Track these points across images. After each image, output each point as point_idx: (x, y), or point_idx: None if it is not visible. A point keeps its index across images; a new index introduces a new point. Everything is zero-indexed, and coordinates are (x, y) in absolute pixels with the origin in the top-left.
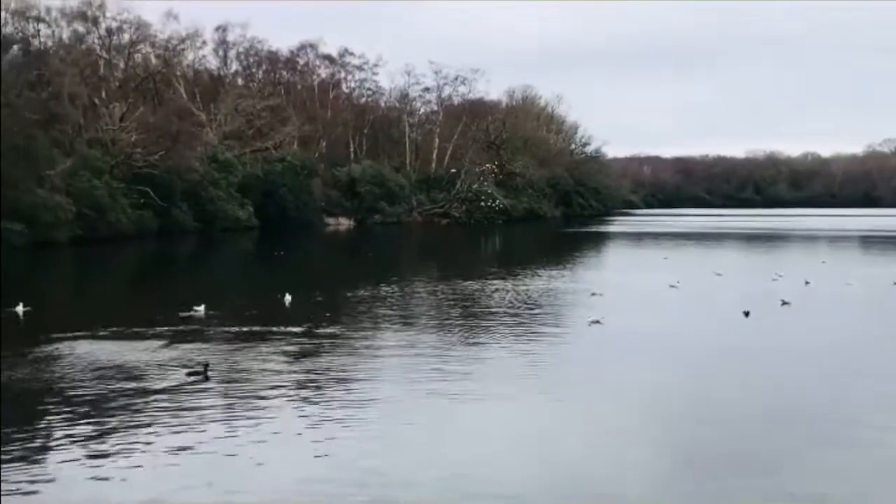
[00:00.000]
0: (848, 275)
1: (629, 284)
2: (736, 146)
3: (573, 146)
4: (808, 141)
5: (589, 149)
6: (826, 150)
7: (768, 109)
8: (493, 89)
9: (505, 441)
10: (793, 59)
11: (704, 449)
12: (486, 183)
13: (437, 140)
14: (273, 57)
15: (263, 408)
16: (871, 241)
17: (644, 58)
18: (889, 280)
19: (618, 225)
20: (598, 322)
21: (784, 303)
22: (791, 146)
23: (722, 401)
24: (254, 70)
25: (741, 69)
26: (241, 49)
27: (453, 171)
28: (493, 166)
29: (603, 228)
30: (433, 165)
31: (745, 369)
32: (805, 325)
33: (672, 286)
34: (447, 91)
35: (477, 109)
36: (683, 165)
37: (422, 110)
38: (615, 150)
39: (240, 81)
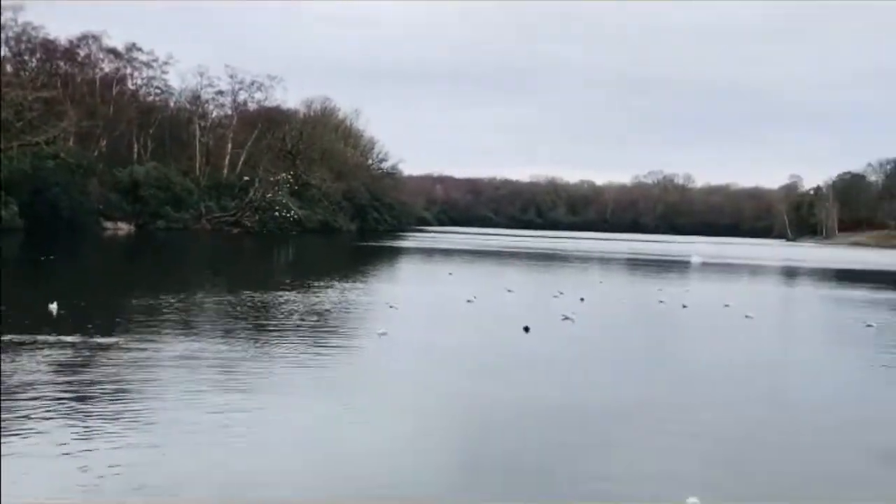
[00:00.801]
0: (619, 292)
1: (424, 298)
2: (522, 171)
3: (370, 161)
4: (585, 169)
5: (385, 164)
6: (600, 178)
7: (552, 137)
8: (290, 98)
9: (286, 450)
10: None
11: (483, 450)
12: (280, 192)
13: (229, 145)
14: (49, 45)
15: (24, 422)
16: (637, 263)
17: (443, 78)
18: (654, 298)
19: (411, 240)
20: (385, 334)
21: (565, 318)
22: (570, 173)
23: (503, 405)
24: (26, 58)
25: (535, 96)
26: (10, 34)
27: (246, 178)
28: (289, 176)
29: (397, 243)
30: (225, 171)
31: (527, 377)
32: (583, 338)
33: (469, 301)
34: (242, 96)
35: (273, 117)
36: (473, 186)
37: (214, 114)
38: (411, 167)
39: (9, 69)
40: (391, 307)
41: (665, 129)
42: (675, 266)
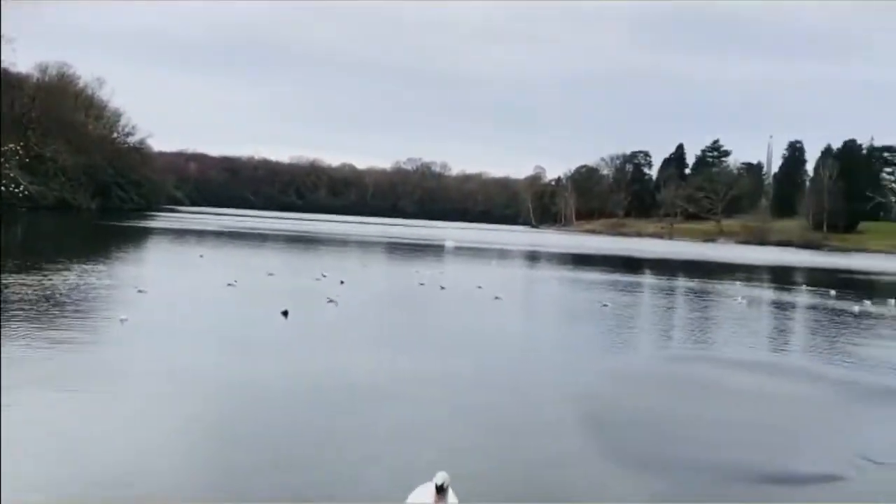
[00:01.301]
0: (381, 275)
1: (177, 282)
2: (282, 151)
3: (115, 134)
4: (346, 154)
5: (133, 139)
6: (361, 163)
7: (316, 119)
8: (21, 61)
9: (24, 442)
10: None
11: (237, 440)
12: (8, 165)
13: None
14: None
15: None
16: (396, 247)
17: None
18: (414, 280)
19: (161, 220)
20: (126, 320)
21: (329, 300)
22: (332, 156)
23: (261, 389)
24: None
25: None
26: None
27: None
28: (18, 147)
29: (144, 223)
30: None
31: (288, 360)
32: (347, 319)
33: (230, 284)
34: None
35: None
36: (230, 165)
37: None
38: (161, 143)
39: None
40: (140, 291)
41: (423, 119)
42: (431, 250)
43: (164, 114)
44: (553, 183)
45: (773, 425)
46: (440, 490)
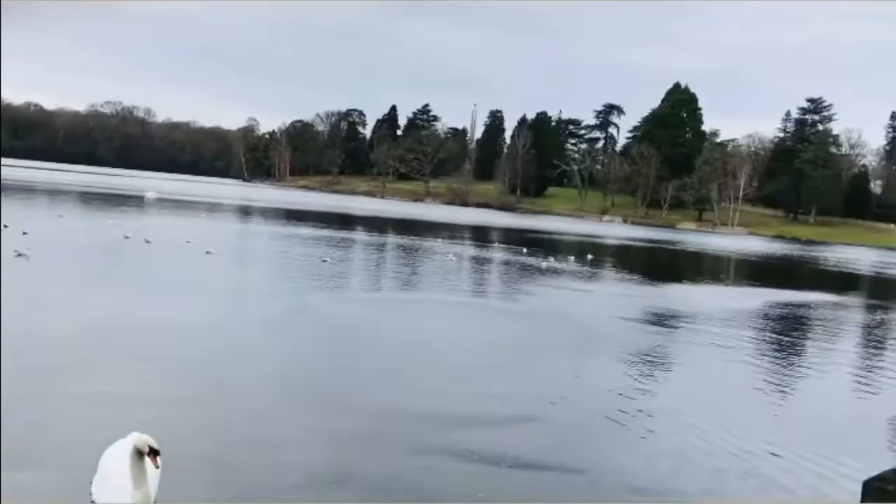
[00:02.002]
0: (75, 228)
1: None
2: None
3: None
4: (33, 91)
5: None
6: (50, 103)
7: None
8: None
9: None
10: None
11: None
12: None
13: None
14: None
15: None
16: (92, 197)
17: None
18: (116, 233)
19: None
20: None
21: (19, 254)
22: (14, 93)
23: None
24: None
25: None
26: None
27: None
28: None
29: None
30: None
31: None
32: (42, 274)
33: None
34: None
35: None
36: None
37: None
38: None
39: None
40: None
41: (123, 59)
42: (131, 201)
43: None
44: (267, 136)
45: (479, 365)
46: (144, 454)
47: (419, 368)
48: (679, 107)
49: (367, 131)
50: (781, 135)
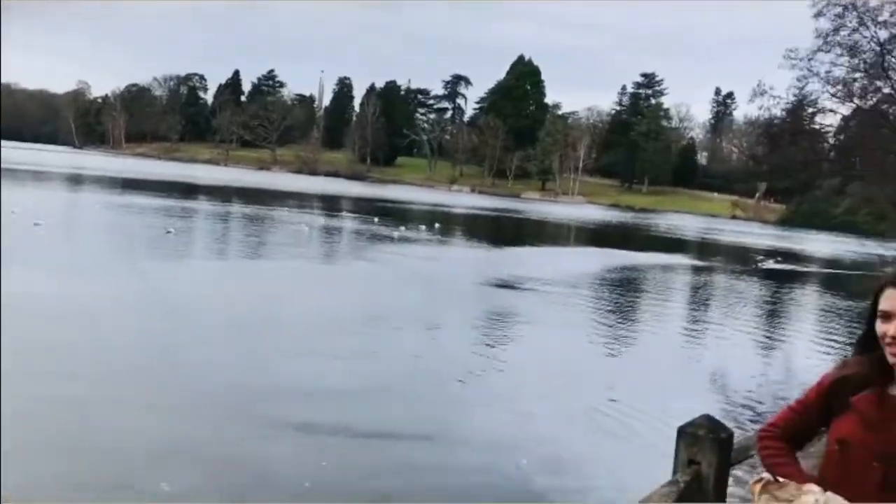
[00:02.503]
0: None
1: None
2: None
3: None
4: None
5: None
6: None
7: None
8: None
9: None
10: None
11: None
12: None
13: None
14: None
15: None
16: None
17: None
18: None
19: None
20: None
21: None
22: None
23: None
24: None
25: None
26: None
27: None
28: None
29: None
30: None
31: None
32: None
33: None
34: None
35: None
36: None
37: None
38: None
39: None
40: None
41: None
42: None
43: None
44: (100, 101)
45: (331, 332)
46: None
47: (270, 341)
48: (523, 79)
49: (209, 97)
50: (617, 108)
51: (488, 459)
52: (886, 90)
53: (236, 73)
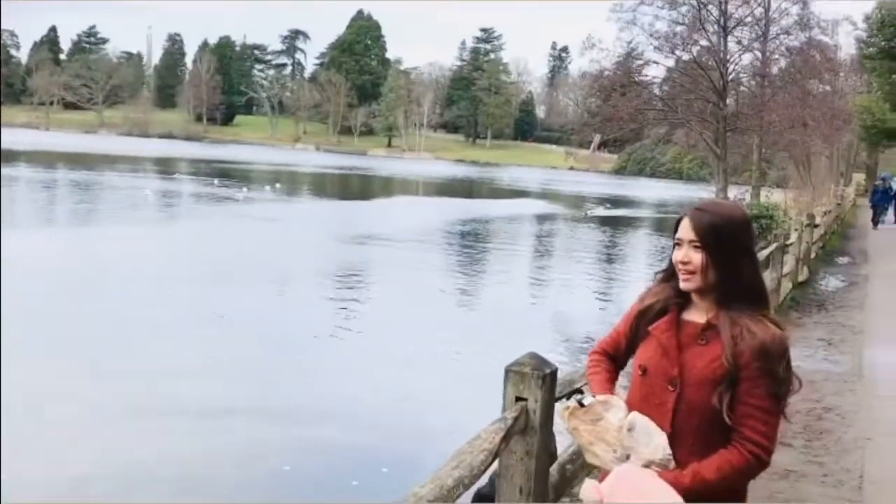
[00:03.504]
0: None
1: None
2: None
3: None
4: None
5: None
6: None
7: None
8: None
9: None
10: None
11: None
12: None
13: None
14: None
15: None
16: None
17: None
18: None
19: None
20: None
21: None
22: None
23: None
24: None
25: None
26: None
27: None
28: None
29: None
30: None
31: None
32: None
33: None
34: None
35: None
36: None
37: None
38: None
39: None
40: None
41: None
42: None
43: None
44: None
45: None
46: None
47: (106, 304)
48: (363, 34)
49: (23, 55)
50: (459, 63)
51: (326, 407)
52: (704, 42)
53: (53, 28)
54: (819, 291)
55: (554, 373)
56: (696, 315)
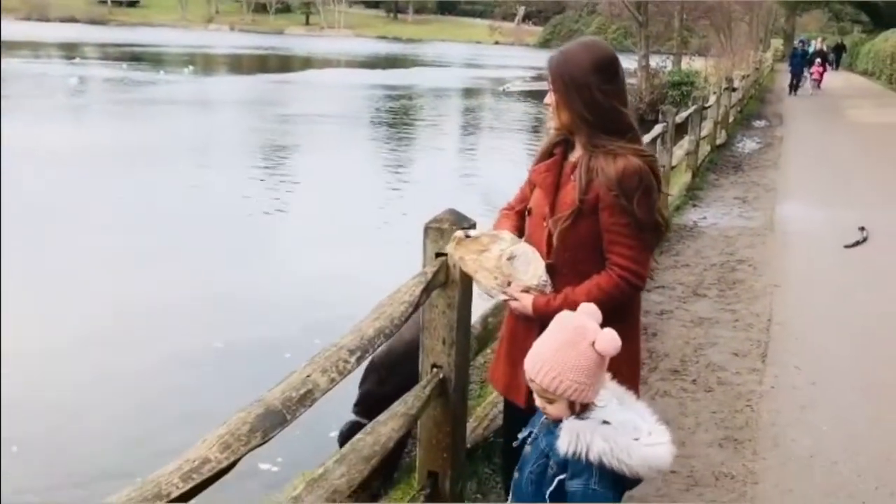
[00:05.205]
0: None
1: None
2: None
3: None
4: None
5: None
6: None
7: None
8: None
9: None
10: None
11: None
12: None
13: None
14: None
15: None
16: None
17: None
18: None
19: None
20: None
21: None
22: None
23: None
24: None
25: None
26: None
27: None
28: None
29: None
30: None
31: None
32: None
33: None
34: None
35: None
36: None
37: None
38: None
39: None
40: None
41: None
42: None
43: None
44: None
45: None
46: None
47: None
48: None
49: None
50: None
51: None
52: None
53: None
54: (736, 153)
55: (473, 227)
56: (576, 155)
